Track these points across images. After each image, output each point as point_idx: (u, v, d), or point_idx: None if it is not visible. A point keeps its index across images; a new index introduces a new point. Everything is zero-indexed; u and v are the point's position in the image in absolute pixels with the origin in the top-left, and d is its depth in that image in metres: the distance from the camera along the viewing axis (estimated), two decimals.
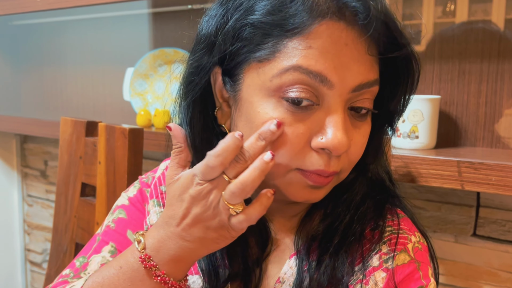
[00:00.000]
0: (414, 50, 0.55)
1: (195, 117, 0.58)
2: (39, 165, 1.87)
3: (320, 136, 0.52)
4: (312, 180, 0.54)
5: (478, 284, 1.00)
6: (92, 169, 1.05)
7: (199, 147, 0.58)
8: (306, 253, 0.60)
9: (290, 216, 0.64)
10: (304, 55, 0.51)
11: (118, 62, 1.57)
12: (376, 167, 0.63)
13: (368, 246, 0.60)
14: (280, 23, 0.51)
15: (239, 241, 0.61)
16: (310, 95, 0.51)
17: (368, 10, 0.50)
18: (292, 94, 0.51)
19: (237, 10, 0.54)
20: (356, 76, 0.52)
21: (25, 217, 1.95)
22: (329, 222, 0.61)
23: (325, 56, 0.51)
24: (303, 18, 0.51)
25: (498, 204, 0.97)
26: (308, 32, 0.51)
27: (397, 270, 0.59)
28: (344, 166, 0.56)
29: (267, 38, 0.52)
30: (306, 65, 0.51)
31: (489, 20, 0.96)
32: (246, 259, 0.62)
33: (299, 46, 0.51)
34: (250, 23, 0.53)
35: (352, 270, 0.59)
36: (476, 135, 0.99)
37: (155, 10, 1.46)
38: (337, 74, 0.51)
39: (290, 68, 0.51)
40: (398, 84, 0.57)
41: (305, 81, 0.51)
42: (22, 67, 1.88)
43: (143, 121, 1.28)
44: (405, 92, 0.58)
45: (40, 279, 1.92)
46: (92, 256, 0.68)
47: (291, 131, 0.52)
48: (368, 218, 0.61)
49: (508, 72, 0.95)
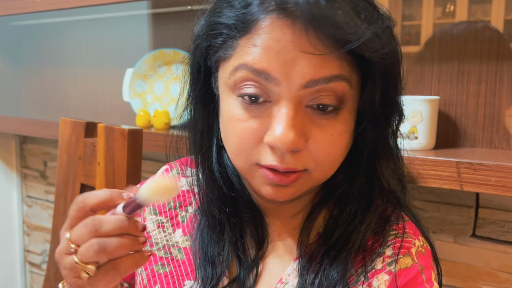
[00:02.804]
0: (379, 44, 0.51)
1: (197, 113, 0.62)
2: (39, 166, 1.86)
3: (269, 132, 0.53)
4: (269, 177, 0.55)
5: (477, 284, 1.00)
6: (91, 170, 1.05)
7: (199, 143, 0.62)
8: (310, 257, 0.60)
9: (289, 217, 0.64)
10: (249, 53, 0.52)
11: (117, 63, 1.57)
12: (384, 172, 0.60)
13: (371, 250, 0.60)
14: (234, 23, 0.53)
15: (236, 241, 0.61)
16: (260, 92, 0.52)
17: (311, 5, 0.48)
18: (243, 91, 0.53)
19: (209, 11, 0.57)
20: (305, 73, 0.51)
21: (24, 218, 1.95)
22: (333, 226, 0.61)
23: (268, 53, 0.51)
24: (249, 17, 0.52)
25: (497, 205, 0.97)
26: (253, 30, 0.52)
27: (400, 274, 0.59)
28: (310, 165, 0.55)
29: (226, 38, 0.54)
30: (251, 63, 0.52)
31: (488, 21, 0.96)
32: (244, 259, 0.62)
33: (246, 45, 0.52)
34: (215, 24, 0.55)
35: (355, 273, 0.59)
36: (475, 136, 0.99)
37: (154, 11, 1.46)
38: (282, 71, 0.51)
39: (239, 66, 0.53)
40: (370, 81, 0.54)
41: (253, 78, 0.52)
42: (21, 68, 1.88)
43: (143, 122, 1.28)
44: (376, 89, 0.54)
45: (40, 280, 1.92)
46: None
47: (246, 126, 0.54)
48: (373, 225, 0.61)
49: (507, 73, 0.95)
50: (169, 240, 0.66)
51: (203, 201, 0.65)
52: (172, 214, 0.68)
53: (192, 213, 0.67)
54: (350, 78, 0.52)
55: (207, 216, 0.63)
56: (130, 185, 0.52)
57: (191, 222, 0.66)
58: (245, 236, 0.63)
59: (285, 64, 0.50)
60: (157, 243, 0.66)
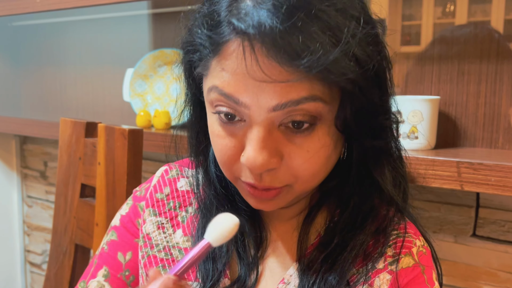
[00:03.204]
0: (347, 66, 0.48)
1: (194, 114, 0.63)
2: (39, 166, 1.87)
3: (243, 153, 0.53)
4: (250, 191, 0.55)
5: (477, 284, 1.00)
6: (91, 170, 1.05)
7: (196, 143, 0.63)
8: (308, 262, 0.60)
9: (288, 219, 0.64)
10: (219, 76, 0.51)
11: (117, 63, 1.57)
12: (382, 176, 0.59)
13: (373, 249, 0.60)
14: (206, 43, 0.53)
15: (236, 238, 0.62)
16: (233, 112, 0.52)
17: (270, 31, 0.46)
18: (218, 109, 0.53)
19: (188, 26, 0.57)
20: (272, 97, 0.49)
21: (24, 218, 1.95)
22: (332, 233, 0.61)
23: (235, 78, 0.50)
24: (218, 38, 0.51)
25: (497, 205, 0.97)
26: (222, 52, 0.51)
27: (401, 273, 0.60)
28: (289, 181, 0.54)
29: (201, 56, 0.54)
30: (220, 87, 0.51)
31: (488, 21, 0.96)
32: (244, 256, 0.62)
33: (216, 67, 0.52)
34: (191, 41, 0.55)
35: (356, 272, 0.59)
36: (475, 136, 0.99)
37: (155, 11, 1.46)
38: (249, 96, 0.50)
39: (212, 88, 0.53)
40: (344, 98, 0.51)
41: (224, 100, 0.52)
42: (21, 68, 1.88)
43: (143, 122, 1.28)
44: (348, 106, 0.51)
45: (40, 280, 1.92)
46: (90, 281, 0.69)
47: (224, 143, 0.54)
48: (372, 232, 0.60)
49: (507, 72, 0.95)
50: (169, 241, 0.66)
51: (201, 201, 0.65)
52: (172, 215, 0.68)
53: (193, 213, 0.67)
54: (323, 95, 0.50)
55: (206, 216, 0.64)
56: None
57: (192, 223, 0.66)
58: (245, 234, 0.63)
59: (252, 89, 0.49)
60: (157, 244, 0.66)
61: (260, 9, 0.47)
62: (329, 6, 0.48)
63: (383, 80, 0.54)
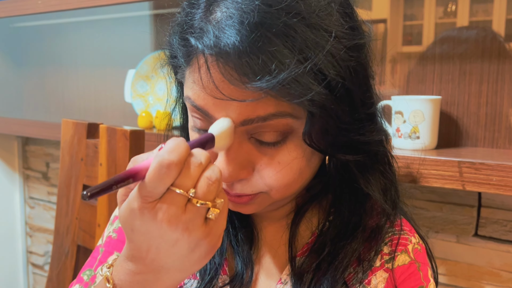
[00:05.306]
0: (311, 86, 0.46)
1: (184, 113, 0.63)
2: (41, 167, 1.87)
3: (214, 162, 0.52)
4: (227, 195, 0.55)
5: (480, 284, 1.00)
6: (93, 171, 1.05)
7: None
8: (301, 267, 0.60)
9: (278, 219, 0.65)
10: (191, 87, 0.52)
11: (119, 64, 1.57)
12: (365, 186, 0.57)
13: (369, 248, 0.60)
14: (179, 53, 0.53)
15: (229, 232, 0.62)
16: (207, 123, 0.52)
17: (233, 49, 0.45)
18: (193, 119, 0.54)
19: (169, 33, 0.57)
20: (239, 112, 0.49)
21: (26, 219, 1.95)
22: (324, 239, 0.60)
23: (205, 92, 0.50)
24: (189, 50, 0.51)
25: (499, 204, 0.97)
26: (193, 64, 0.51)
27: (397, 271, 0.60)
28: (262, 188, 0.54)
29: (180, 64, 0.54)
30: (192, 99, 0.52)
31: (490, 21, 0.96)
32: (238, 251, 0.62)
33: (189, 78, 0.53)
34: (170, 48, 0.56)
35: (353, 271, 0.59)
36: (477, 135, 0.99)
37: (156, 12, 1.46)
38: (218, 110, 0.50)
39: (186, 98, 0.53)
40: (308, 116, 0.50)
41: (197, 112, 0.52)
42: (23, 69, 1.88)
43: (145, 122, 1.29)
44: (314, 124, 0.50)
45: (42, 281, 1.92)
46: (99, 267, 0.68)
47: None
48: (366, 235, 0.60)
49: (508, 72, 0.95)
50: None
51: None
52: None
53: None
54: (293, 111, 0.49)
55: None
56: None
57: None
58: (237, 229, 0.63)
59: (220, 104, 0.49)
60: None
61: (225, 27, 0.47)
62: (299, 21, 0.47)
63: (357, 97, 0.51)
